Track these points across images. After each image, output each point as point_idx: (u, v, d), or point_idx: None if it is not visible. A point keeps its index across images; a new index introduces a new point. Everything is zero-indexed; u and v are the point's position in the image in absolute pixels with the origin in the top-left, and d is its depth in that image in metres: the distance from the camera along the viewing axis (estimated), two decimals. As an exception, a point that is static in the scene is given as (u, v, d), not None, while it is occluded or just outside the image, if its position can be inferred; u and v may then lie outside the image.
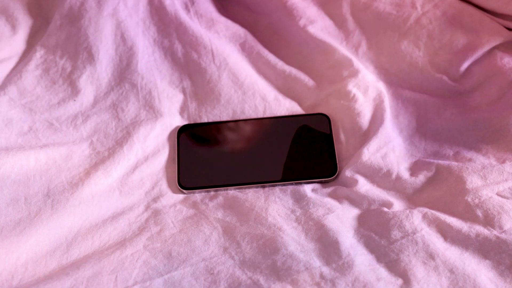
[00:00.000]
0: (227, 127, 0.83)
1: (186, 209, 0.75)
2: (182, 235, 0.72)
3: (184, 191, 0.77)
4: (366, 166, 0.77)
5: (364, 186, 0.76)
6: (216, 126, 0.83)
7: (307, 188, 0.76)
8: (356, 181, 0.76)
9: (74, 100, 0.84)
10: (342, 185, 0.77)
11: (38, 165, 0.76)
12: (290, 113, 0.84)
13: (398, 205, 0.73)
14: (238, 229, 0.72)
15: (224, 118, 0.84)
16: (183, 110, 0.85)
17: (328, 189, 0.77)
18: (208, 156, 0.80)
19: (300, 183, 0.78)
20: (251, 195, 0.76)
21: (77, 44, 0.86)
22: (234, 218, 0.74)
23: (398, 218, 0.70)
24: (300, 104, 0.85)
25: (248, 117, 0.84)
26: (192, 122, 0.84)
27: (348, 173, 0.77)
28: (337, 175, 0.78)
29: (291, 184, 0.77)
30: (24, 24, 0.89)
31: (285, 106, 0.85)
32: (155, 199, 0.76)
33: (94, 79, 0.86)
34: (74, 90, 0.84)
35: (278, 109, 0.84)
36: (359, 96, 0.83)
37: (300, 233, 0.71)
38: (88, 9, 0.87)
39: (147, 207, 0.75)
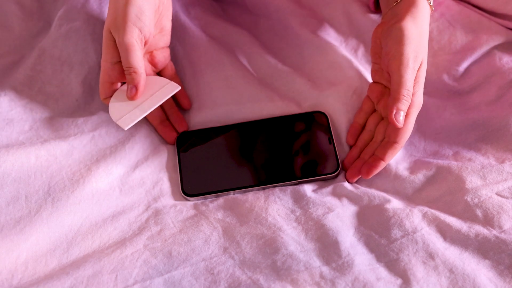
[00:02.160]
0: (226, 131, 0.83)
1: (187, 209, 0.75)
2: (182, 235, 0.72)
3: (189, 198, 0.77)
4: (366, 166, 0.78)
5: (363, 184, 0.76)
6: (215, 131, 0.83)
7: (307, 188, 0.77)
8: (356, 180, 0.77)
9: (76, 100, 0.84)
10: (343, 182, 0.77)
11: (38, 162, 0.76)
12: (288, 113, 0.84)
13: (398, 204, 0.73)
14: (238, 229, 0.72)
15: (223, 119, 0.84)
16: (183, 111, 0.85)
17: (328, 188, 0.77)
18: (209, 161, 0.80)
19: (304, 182, 0.78)
20: (251, 196, 0.76)
21: (78, 44, 0.86)
22: (234, 218, 0.74)
23: (399, 217, 0.70)
24: (299, 105, 0.85)
25: (247, 119, 0.84)
26: (191, 129, 0.83)
27: (348, 172, 0.78)
28: (340, 170, 0.79)
29: (295, 183, 0.78)
30: (26, 25, 0.90)
31: (285, 107, 0.85)
32: (155, 199, 0.76)
33: (95, 79, 0.85)
34: (74, 90, 0.84)
35: (277, 111, 0.84)
36: (360, 94, 0.83)
37: (300, 233, 0.71)
38: (89, 11, 0.87)
39: (147, 207, 0.75)
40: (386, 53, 0.75)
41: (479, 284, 0.64)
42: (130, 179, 0.78)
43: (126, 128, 0.74)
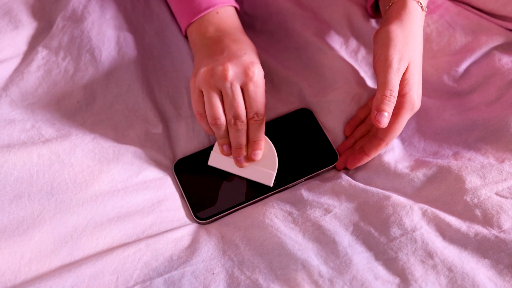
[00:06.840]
0: None
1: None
2: (183, 239, 0.73)
3: (202, 222, 0.77)
4: (366, 165, 0.78)
5: (362, 183, 0.76)
6: (209, 152, 0.81)
7: (304, 191, 0.77)
8: (354, 179, 0.77)
9: (77, 102, 0.84)
10: (341, 180, 0.77)
11: (41, 161, 0.75)
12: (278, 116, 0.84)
13: (397, 200, 0.73)
14: (237, 233, 0.73)
15: None
16: (183, 116, 0.85)
17: (326, 186, 0.77)
18: (213, 182, 0.80)
19: (310, 178, 0.79)
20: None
21: (80, 46, 0.86)
22: (232, 224, 0.75)
23: (398, 215, 0.70)
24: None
25: None
26: (184, 156, 0.82)
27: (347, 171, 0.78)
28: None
29: (300, 182, 0.78)
30: (28, 26, 0.89)
31: (285, 113, 0.85)
32: (159, 202, 0.77)
33: (97, 81, 0.86)
34: (76, 91, 0.84)
35: (276, 114, 0.84)
36: (358, 100, 0.83)
37: (297, 233, 0.71)
38: (91, 12, 0.88)
39: (151, 210, 0.75)
40: (373, 56, 0.76)
41: (479, 283, 0.64)
42: (133, 182, 0.77)
43: (208, 163, 0.79)
